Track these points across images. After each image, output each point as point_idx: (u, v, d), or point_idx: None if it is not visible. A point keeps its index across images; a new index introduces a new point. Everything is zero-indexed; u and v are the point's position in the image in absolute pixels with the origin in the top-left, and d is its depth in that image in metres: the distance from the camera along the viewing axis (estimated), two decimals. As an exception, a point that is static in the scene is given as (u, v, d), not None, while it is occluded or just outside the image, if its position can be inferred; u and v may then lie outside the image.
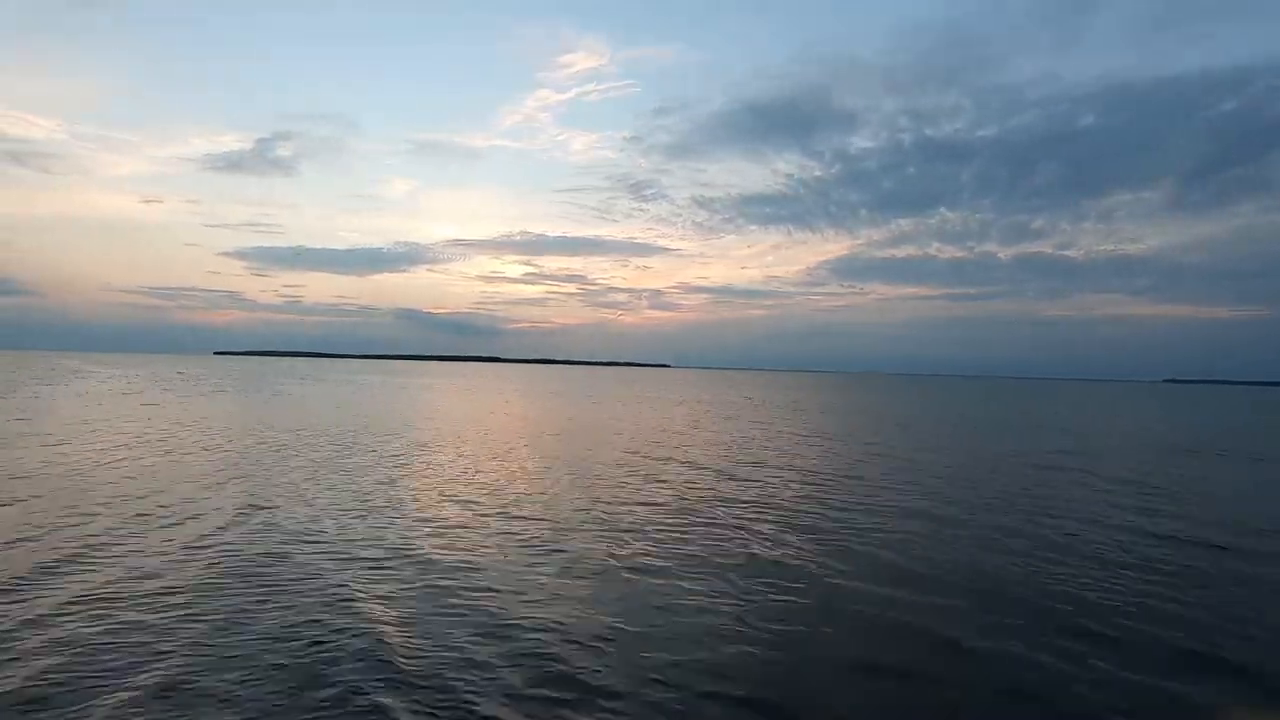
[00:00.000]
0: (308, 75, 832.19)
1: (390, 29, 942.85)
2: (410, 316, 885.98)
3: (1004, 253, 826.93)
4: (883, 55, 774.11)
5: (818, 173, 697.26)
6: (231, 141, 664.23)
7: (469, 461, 17.58)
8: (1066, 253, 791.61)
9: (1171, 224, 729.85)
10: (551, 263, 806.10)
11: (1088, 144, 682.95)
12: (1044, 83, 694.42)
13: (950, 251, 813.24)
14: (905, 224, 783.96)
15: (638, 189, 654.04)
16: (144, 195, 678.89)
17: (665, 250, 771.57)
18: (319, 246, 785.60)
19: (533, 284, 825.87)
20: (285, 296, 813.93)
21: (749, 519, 11.88)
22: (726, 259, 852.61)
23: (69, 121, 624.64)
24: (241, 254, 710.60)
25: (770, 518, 11.99)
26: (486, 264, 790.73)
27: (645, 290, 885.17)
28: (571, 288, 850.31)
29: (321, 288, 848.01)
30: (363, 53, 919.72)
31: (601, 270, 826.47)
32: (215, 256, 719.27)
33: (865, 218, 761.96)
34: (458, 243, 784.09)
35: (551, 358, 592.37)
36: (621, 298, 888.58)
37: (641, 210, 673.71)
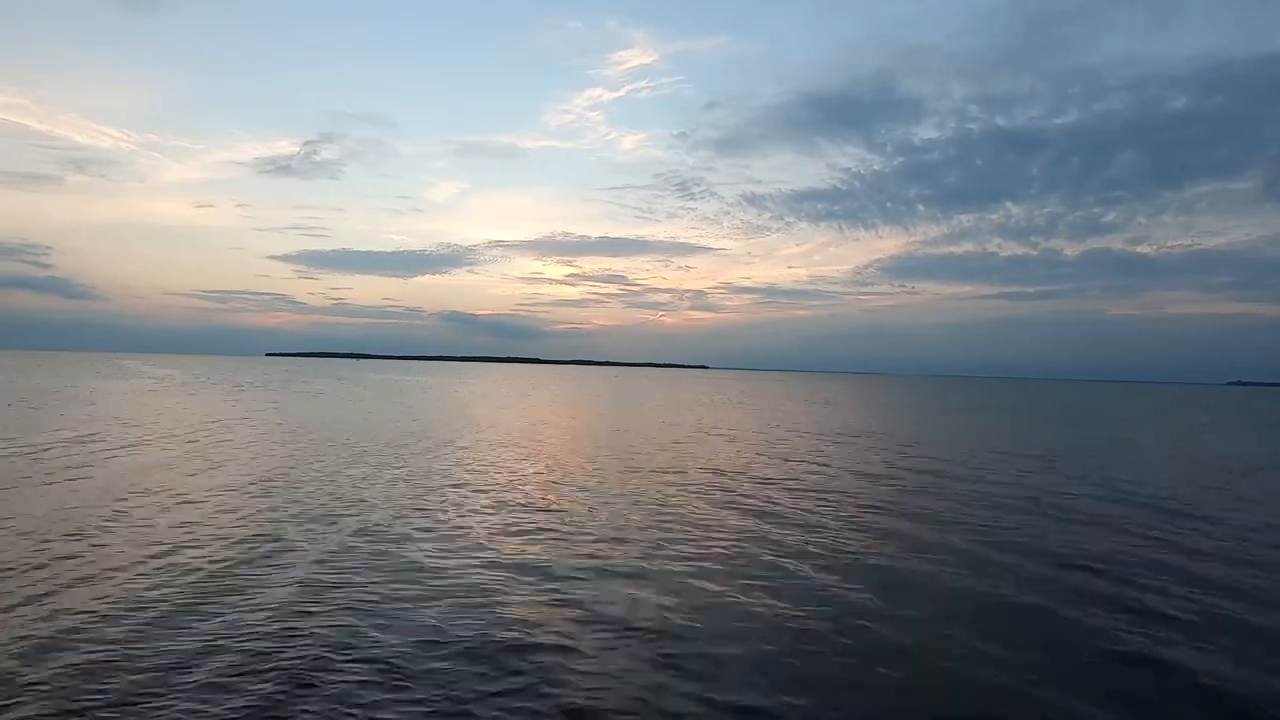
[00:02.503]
0: (353, 77, 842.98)
1: (436, 30, 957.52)
2: (453, 318, 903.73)
3: (1071, 249, 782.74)
4: (953, 38, 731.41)
5: (876, 166, 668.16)
6: (280, 146, 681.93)
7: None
8: (1139, 248, 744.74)
9: (1257, 216, 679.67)
10: (592, 264, 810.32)
11: (1175, 130, 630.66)
12: (1132, 63, 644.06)
13: (1012, 248, 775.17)
14: (966, 219, 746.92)
15: (684, 186, 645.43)
16: (197, 200, 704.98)
17: (708, 250, 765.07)
18: (364, 249, 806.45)
19: (573, 285, 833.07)
20: (333, 299, 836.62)
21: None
22: (772, 258, 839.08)
23: (126, 129, 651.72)
24: (289, 257, 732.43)
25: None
26: (528, 265, 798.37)
27: (687, 291, 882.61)
28: (612, 289, 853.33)
29: (367, 290, 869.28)
30: (409, 53, 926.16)
31: (643, 271, 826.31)
32: (265, 260, 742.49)
33: (923, 213, 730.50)
34: (499, 244, 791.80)
35: (590, 359, 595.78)
36: (662, 299, 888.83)
37: (687, 209, 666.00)
